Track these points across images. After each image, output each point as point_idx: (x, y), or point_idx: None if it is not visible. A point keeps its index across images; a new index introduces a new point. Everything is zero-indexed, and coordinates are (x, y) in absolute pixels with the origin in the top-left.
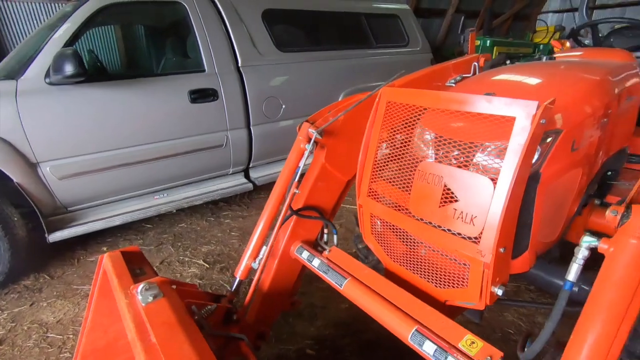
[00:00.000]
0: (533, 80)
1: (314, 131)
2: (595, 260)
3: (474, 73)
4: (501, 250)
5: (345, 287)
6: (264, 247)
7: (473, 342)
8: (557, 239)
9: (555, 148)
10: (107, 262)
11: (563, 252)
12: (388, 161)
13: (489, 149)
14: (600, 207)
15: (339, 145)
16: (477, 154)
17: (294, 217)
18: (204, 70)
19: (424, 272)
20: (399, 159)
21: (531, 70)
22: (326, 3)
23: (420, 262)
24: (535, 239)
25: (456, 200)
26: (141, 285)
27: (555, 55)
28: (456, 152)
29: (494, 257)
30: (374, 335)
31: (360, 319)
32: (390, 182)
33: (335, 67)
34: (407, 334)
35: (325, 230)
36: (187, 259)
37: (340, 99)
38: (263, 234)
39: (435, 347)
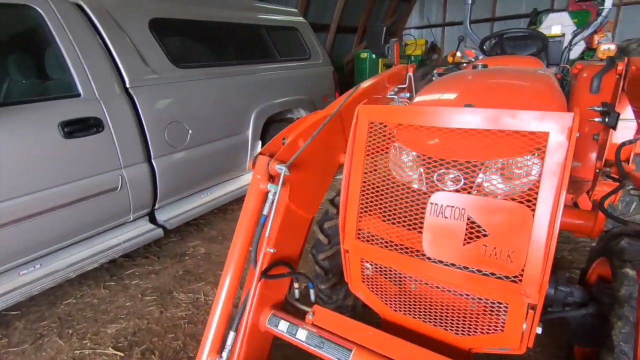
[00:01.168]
0: (502, 89)
1: (282, 167)
2: None
3: (409, 83)
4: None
5: None
6: (231, 333)
7: None
8: None
9: None
10: None
11: None
12: (380, 193)
13: (494, 168)
14: None
15: (302, 179)
16: (481, 174)
17: (261, 281)
18: (78, 95)
19: (441, 320)
20: (394, 189)
21: (489, 78)
22: (222, 14)
23: (434, 309)
24: None
25: (485, 235)
26: None
27: (473, 64)
28: (452, 175)
29: (542, 296)
30: None
31: None
32: (385, 218)
33: (242, 83)
34: None
35: (296, 285)
36: (88, 352)
37: (252, 118)
38: (225, 315)
39: None
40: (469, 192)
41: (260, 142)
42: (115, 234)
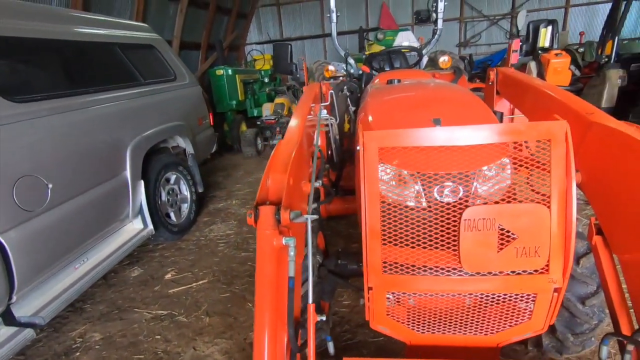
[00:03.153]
0: (449, 101)
1: (308, 216)
2: None
3: (332, 101)
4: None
5: None
6: None
7: None
8: None
9: None
10: None
11: None
12: (403, 219)
13: (491, 172)
14: None
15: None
16: (479, 181)
17: None
18: None
19: (472, 326)
20: (414, 212)
21: (426, 92)
22: (59, 29)
23: (465, 318)
24: None
25: (514, 239)
26: None
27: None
28: (450, 186)
29: (566, 279)
30: None
31: None
32: (413, 244)
33: (108, 113)
34: None
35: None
36: None
37: (128, 154)
38: None
39: None
40: (467, 201)
41: (142, 182)
42: None
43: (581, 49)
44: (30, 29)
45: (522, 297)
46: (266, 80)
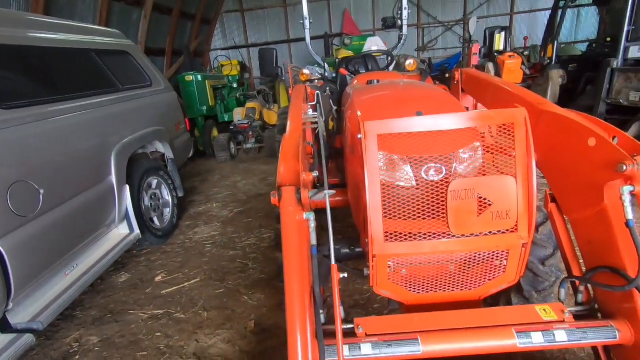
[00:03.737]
0: (427, 97)
1: (327, 192)
2: None
3: (317, 101)
4: None
5: (426, 346)
6: None
7: (545, 309)
8: None
9: None
10: None
11: None
12: (399, 196)
13: (466, 154)
14: None
15: None
16: (457, 162)
17: None
18: None
19: (457, 284)
20: (409, 190)
21: (406, 89)
22: (38, 36)
23: (451, 278)
24: None
25: (489, 205)
26: None
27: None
28: (435, 166)
29: (531, 235)
30: None
31: None
32: (408, 216)
33: (92, 119)
34: (514, 342)
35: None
36: None
37: (112, 159)
38: None
39: (540, 333)
40: (448, 179)
41: (128, 187)
42: None
43: (526, 52)
44: (17, 36)
45: (497, 254)
46: (235, 85)
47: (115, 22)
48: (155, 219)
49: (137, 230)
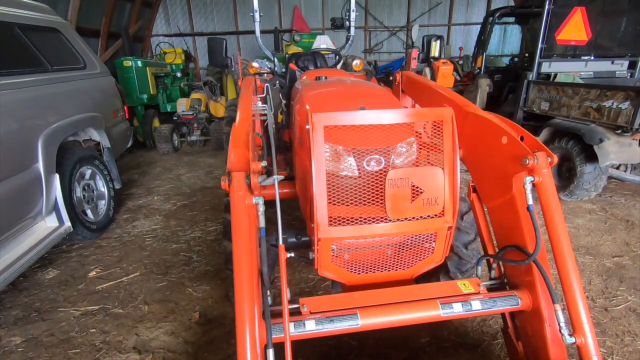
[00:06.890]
0: (369, 94)
1: (276, 177)
2: None
3: (267, 93)
4: None
5: (364, 320)
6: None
7: (464, 284)
8: None
9: None
10: None
11: None
12: (342, 185)
13: (403, 148)
14: None
15: None
16: (394, 155)
17: None
18: None
19: (393, 265)
20: (352, 179)
21: (351, 87)
22: None
23: (388, 259)
24: None
25: (421, 192)
26: None
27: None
28: (375, 158)
29: (455, 219)
30: None
31: None
32: (352, 203)
33: (14, 100)
34: (438, 312)
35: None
36: None
37: (39, 145)
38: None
39: (460, 304)
40: (386, 170)
41: (57, 175)
42: None
43: (460, 61)
44: None
45: (427, 237)
46: (178, 74)
47: None
48: (89, 212)
49: (67, 223)
